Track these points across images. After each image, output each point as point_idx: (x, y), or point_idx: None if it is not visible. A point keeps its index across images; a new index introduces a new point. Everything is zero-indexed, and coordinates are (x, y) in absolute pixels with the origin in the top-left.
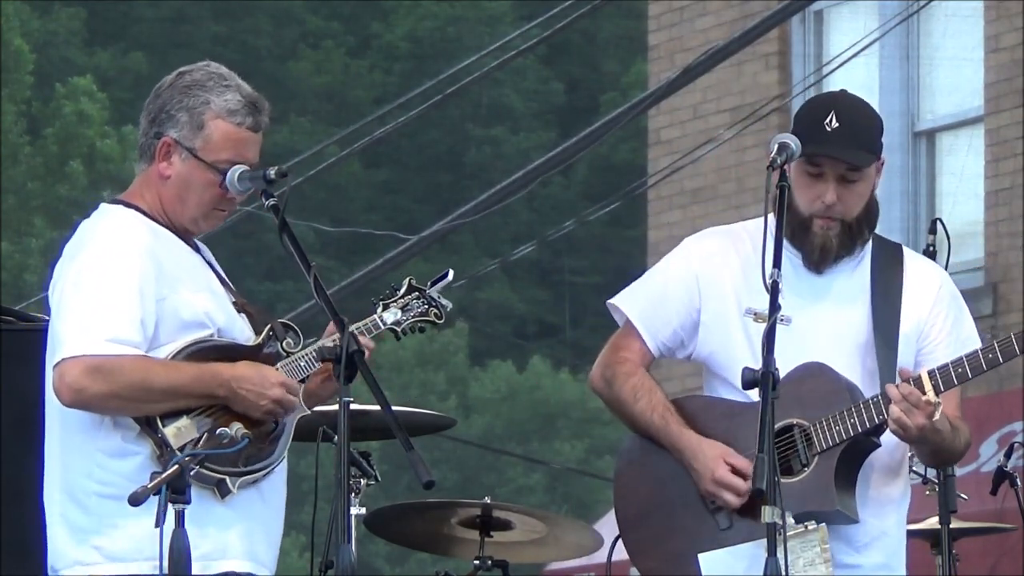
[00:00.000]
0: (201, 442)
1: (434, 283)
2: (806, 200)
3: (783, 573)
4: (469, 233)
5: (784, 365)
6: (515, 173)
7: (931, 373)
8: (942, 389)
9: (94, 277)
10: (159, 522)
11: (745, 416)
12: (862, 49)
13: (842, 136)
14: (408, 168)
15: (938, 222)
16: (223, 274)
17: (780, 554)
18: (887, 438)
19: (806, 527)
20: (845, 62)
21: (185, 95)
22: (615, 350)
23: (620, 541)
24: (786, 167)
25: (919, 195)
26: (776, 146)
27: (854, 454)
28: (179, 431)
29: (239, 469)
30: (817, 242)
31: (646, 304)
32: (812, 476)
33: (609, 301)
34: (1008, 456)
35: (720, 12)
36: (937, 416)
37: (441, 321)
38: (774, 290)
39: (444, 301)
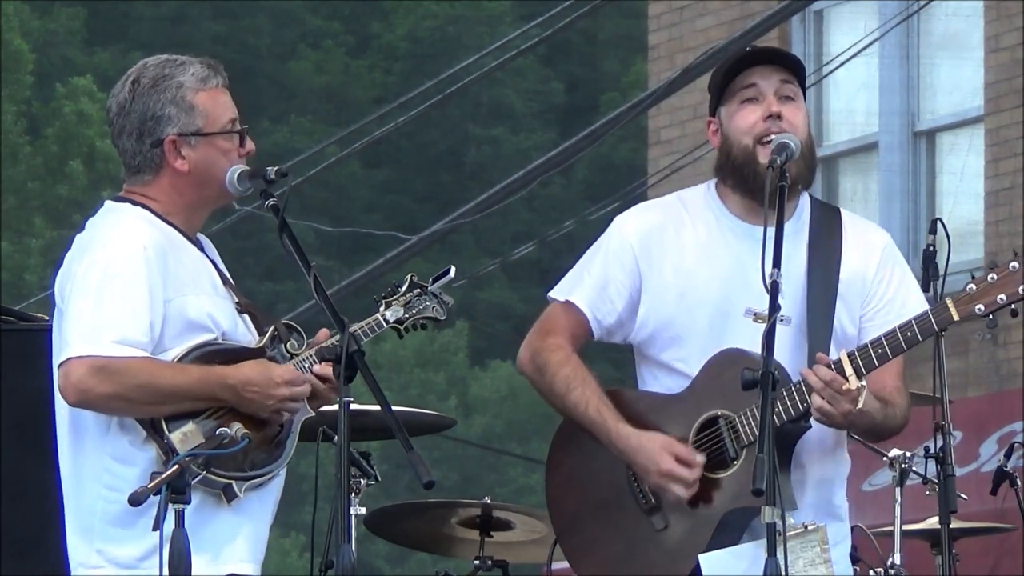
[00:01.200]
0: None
1: (436, 280)
2: (747, 126)
3: (783, 573)
4: (469, 233)
5: (715, 333)
6: (515, 173)
7: (851, 355)
8: (864, 372)
9: (103, 277)
10: (158, 524)
11: (670, 410)
12: (862, 49)
13: (766, 53)
14: (408, 168)
15: (938, 222)
16: (226, 272)
17: (780, 554)
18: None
19: (806, 527)
20: (845, 62)
21: (158, 93)
22: (545, 334)
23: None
24: (786, 167)
25: (919, 194)
26: (776, 146)
27: (784, 440)
28: (185, 436)
29: (246, 473)
30: (764, 173)
31: (590, 289)
32: (742, 470)
33: (549, 295)
34: (1008, 456)
35: (720, 12)
36: (862, 402)
37: (443, 318)
38: (774, 290)
39: (446, 298)
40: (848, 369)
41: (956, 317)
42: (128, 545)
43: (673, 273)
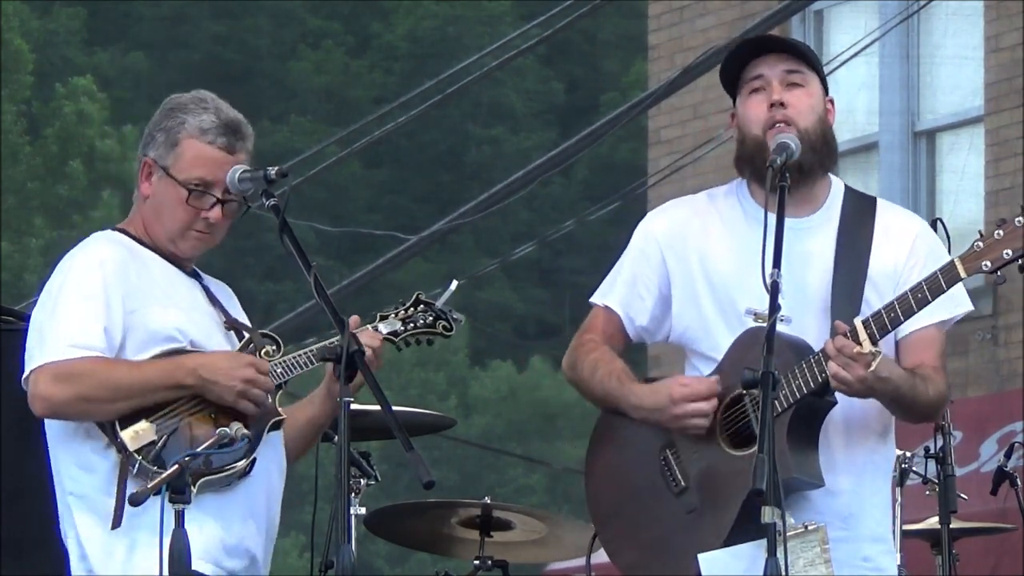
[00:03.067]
0: (161, 443)
1: (440, 296)
2: (755, 118)
3: (783, 573)
4: (469, 233)
5: (744, 323)
6: (515, 173)
7: (865, 322)
8: (878, 337)
9: (59, 292)
10: (118, 522)
11: None
12: (863, 48)
13: (771, 41)
14: (408, 168)
15: (938, 222)
16: (220, 300)
17: (780, 554)
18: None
19: (806, 527)
20: (846, 61)
21: (167, 117)
22: (580, 334)
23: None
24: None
25: (919, 193)
26: (776, 146)
27: (808, 416)
28: (136, 435)
29: (200, 470)
30: (767, 172)
31: (620, 288)
32: None
33: (591, 300)
34: (1008, 456)
35: (720, 12)
36: (875, 365)
37: (451, 334)
38: (774, 290)
39: (456, 315)
40: (862, 334)
41: (964, 275)
42: (90, 546)
43: (699, 264)
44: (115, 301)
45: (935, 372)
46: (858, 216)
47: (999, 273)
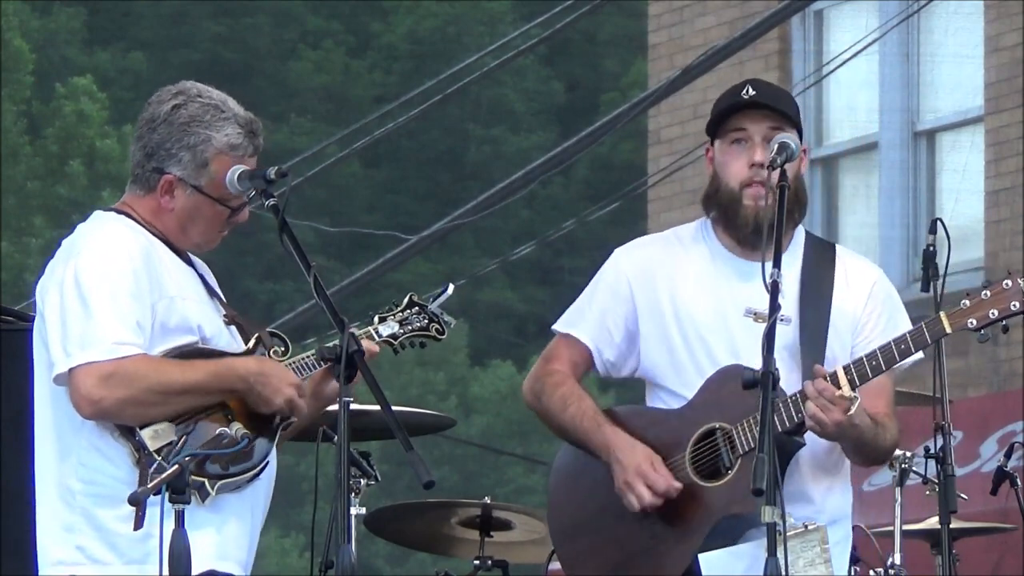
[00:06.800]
0: (181, 444)
1: (435, 299)
2: (734, 172)
3: (783, 573)
4: (469, 233)
5: (715, 362)
6: (515, 173)
7: (846, 368)
8: (857, 383)
9: (92, 283)
10: (139, 523)
11: (668, 424)
12: (863, 48)
13: (760, 98)
14: (408, 168)
15: (938, 222)
16: (215, 287)
17: (780, 554)
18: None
19: (806, 527)
20: (846, 61)
21: (184, 133)
22: (545, 362)
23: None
24: (786, 166)
25: (919, 192)
26: (776, 146)
27: (778, 454)
28: (156, 434)
29: (219, 472)
30: (748, 214)
31: (591, 321)
32: (735, 479)
33: (553, 328)
34: (1008, 456)
35: (720, 11)
36: (853, 410)
37: (443, 337)
38: (774, 290)
39: (447, 318)
40: (842, 380)
41: (949, 330)
42: (104, 540)
43: (670, 304)
44: (144, 293)
45: (888, 419)
46: (819, 262)
47: (983, 331)
